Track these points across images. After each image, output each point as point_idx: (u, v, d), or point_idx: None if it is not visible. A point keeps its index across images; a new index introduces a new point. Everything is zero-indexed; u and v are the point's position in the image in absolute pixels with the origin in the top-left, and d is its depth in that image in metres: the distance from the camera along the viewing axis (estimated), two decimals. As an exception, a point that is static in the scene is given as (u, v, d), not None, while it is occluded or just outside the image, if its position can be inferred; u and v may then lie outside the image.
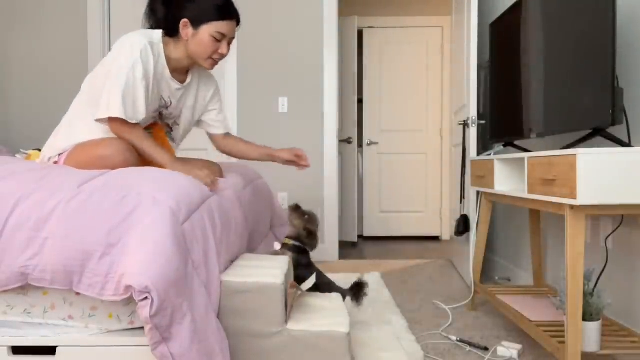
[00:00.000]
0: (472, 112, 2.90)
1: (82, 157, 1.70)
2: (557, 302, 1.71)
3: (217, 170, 2.01)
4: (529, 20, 2.05)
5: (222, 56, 1.87)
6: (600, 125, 1.69)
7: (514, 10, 2.22)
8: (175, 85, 1.88)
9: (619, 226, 1.86)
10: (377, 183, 5.11)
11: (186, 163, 1.76)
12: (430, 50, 5.09)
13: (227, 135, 2.14)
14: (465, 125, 3.01)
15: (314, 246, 1.95)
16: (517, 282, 2.88)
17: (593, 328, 1.60)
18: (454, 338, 2.06)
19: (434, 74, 5.09)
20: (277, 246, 1.84)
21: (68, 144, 1.79)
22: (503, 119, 2.39)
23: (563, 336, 1.69)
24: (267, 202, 2.44)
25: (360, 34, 5.12)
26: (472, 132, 2.91)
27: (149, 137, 1.74)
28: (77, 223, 1.30)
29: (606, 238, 1.92)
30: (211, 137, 2.14)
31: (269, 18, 3.85)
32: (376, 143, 5.10)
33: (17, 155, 2.06)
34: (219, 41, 1.82)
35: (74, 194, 1.36)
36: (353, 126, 4.65)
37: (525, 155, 1.82)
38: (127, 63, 1.69)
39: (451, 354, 1.93)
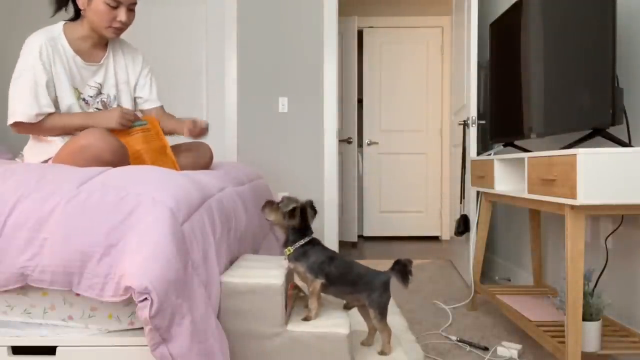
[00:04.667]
0: (472, 112, 2.90)
1: (66, 152, 1.72)
2: (557, 302, 1.71)
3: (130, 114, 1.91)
4: (529, 20, 2.05)
5: (123, 23, 1.86)
6: (600, 125, 1.69)
7: (514, 10, 2.22)
8: (92, 67, 1.91)
9: (619, 226, 1.86)
10: (377, 183, 5.11)
11: (101, 113, 1.85)
12: (430, 50, 5.09)
13: (162, 110, 2.11)
14: (465, 125, 3.01)
15: (307, 220, 1.54)
16: (517, 282, 2.88)
17: (593, 328, 1.60)
18: (454, 338, 2.06)
19: (434, 74, 5.09)
20: (286, 264, 1.56)
21: (50, 151, 1.84)
22: (503, 119, 2.39)
23: (563, 336, 1.69)
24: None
25: (360, 34, 5.12)
26: (472, 132, 2.91)
27: (62, 115, 1.82)
28: (76, 224, 1.29)
29: (606, 238, 1.92)
30: (145, 113, 2.10)
31: (269, 18, 3.85)
32: (376, 143, 5.10)
33: (17, 159, 2.05)
34: (115, 8, 1.81)
35: (73, 194, 1.36)
36: (353, 126, 4.65)
37: (525, 155, 1.82)
38: (25, 66, 1.76)
39: (451, 354, 1.93)
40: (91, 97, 1.92)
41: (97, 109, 1.92)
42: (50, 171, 1.49)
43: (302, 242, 1.53)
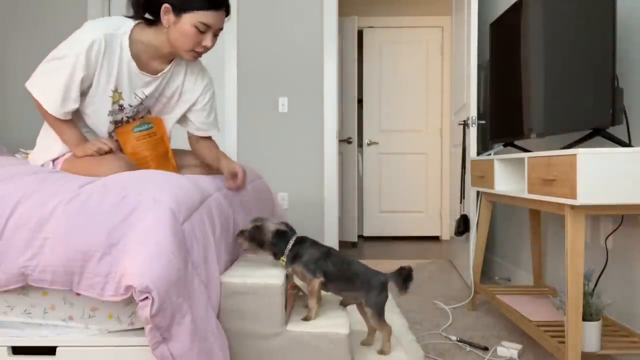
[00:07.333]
0: (472, 112, 2.90)
1: (80, 172, 1.65)
2: (557, 302, 1.71)
3: (107, 144, 1.75)
4: (529, 20, 2.05)
5: (206, 49, 1.71)
6: (600, 125, 1.69)
7: (514, 10, 2.22)
8: (146, 77, 1.75)
9: (619, 226, 1.86)
10: (377, 183, 5.11)
11: (86, 142, 1.73)
12: (430, 50, 5.09)
13: (210, 141, 1.97)
14: (465, 125, 3.01)
15: (264, 235, 1.56)
16: (517, 282, 2.88)
17: (593, 328, 1.60)
18: (454, 338, 2.06)
19: (434, 74, 5.09)
20: (285, 272, 1.59)
21: (62, 148, 1.76)
22: (503, 119, 2.39)
23: (563, 336, 1.69)
24: (267, 202, 2.44)
25: (360, 34, 5.12)
26: (472, 132, 2.91)
27: (64, 124, 1.70)
28: (77, 223, 1.30)
29: (606, 238, 1.92)
30: (190, 136, 1.97)
31: (269, 18, 3.85)
32: (376, 143, 5.10)
33: (17, 155, 2.06)
34: (202, 32, 1.66)
35: (74, 194, 1.36)
36: (353, 126, 4.65)
37: (525, 155, 1.82)
38: (71, 52, 1.61)
39: (451, 354, 1.93)
40: (131, 106, 1.78)
41: (127, 116, 1.81)
42: (52, 174, 1.50)
43: (289, 245, 1.54)
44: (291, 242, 1.55)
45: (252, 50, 3.86)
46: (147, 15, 1.73)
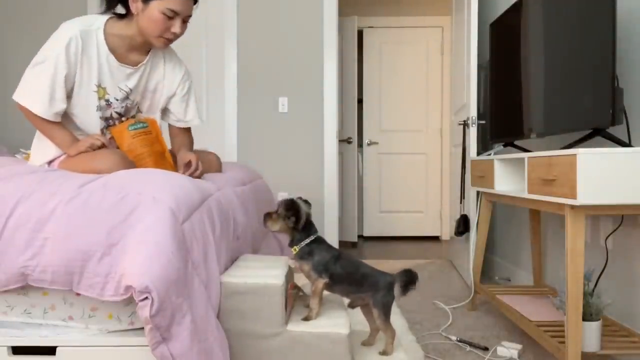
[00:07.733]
0: (472, 112, 2.90)
1: (77, 169, 1.66)
2: (557, 302, 1.71)
3: (99, 139, 1.76)
4: (529, 20, 2.05)
5: (176, 35, 1.74)
6: (600, 125, 1.69)
7: (514, 10, 2.22)
8: (127, 70, 1.79)
9: (619, 226, 1.86)
10: (377, 183, 5.11)
11: (78, 141, 1.74)
12: (430, 50, 5.09)
13: (186, 131, 2.02)
14: (465, 125, 3.01)
15: (301, 214, 1.57)
16: (517, 282, 2.88)
17: (593, 328, 1.60)
18: (454, 338, 2.06)
19: (434, 74, 5.09)
20: (292, 263, 1.62)
21: (57, 150, 1.77)
22: (503, 119, 2.39)
23: (563, 336, 1.69)
24: (267, 202, 2.44)
25: (360, 34, 5.12)
26: (472, 132, 2.91)
27: (55, 127, 1.72)
28: (77, 223, 1.30)
29: (606, 238, 1.92)
30: (171, 128, 2.02)
31: (269, 18, 3.85)
32: (376, 143, 5.10)
33: (17, 155, 2.06)
34: (171, 18, 1.69)
35: (74, 194, 1.36)
36: (353, 126, 4.65)
37: (525, 155, 1.82)
38: (51, 53, 1.66)
39: (451, 354, 1.93)
40: (117, 100, 1.81)
41: (117, 112, 1.84)
42: (52, 174, 1.50)
43: (307, 240, 1.56)
44: (310, 239, 1.57)
45: (252, 50, 3.86)
46: (118, 10, 1.78)
